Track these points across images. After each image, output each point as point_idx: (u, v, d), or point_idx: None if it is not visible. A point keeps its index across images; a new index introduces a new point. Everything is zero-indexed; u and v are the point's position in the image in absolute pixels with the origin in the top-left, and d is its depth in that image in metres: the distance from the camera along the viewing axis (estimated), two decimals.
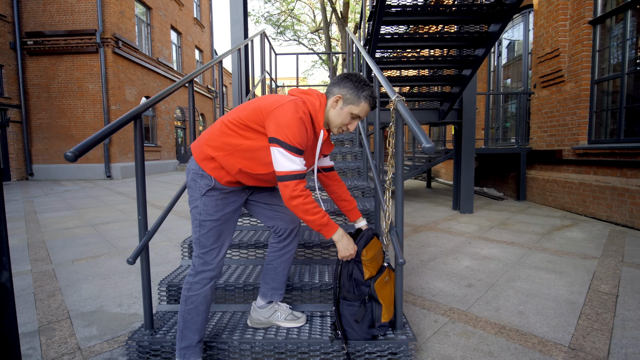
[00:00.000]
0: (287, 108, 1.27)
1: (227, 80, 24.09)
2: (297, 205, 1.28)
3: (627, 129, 4.28)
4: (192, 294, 1.37)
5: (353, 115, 1.40)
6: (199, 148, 1.37)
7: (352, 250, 1.42)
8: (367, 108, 1.41)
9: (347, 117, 1.41)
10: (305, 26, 20.14)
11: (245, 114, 1.32)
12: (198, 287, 1.38)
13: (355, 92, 1.37)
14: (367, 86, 1.39)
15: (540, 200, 5.59)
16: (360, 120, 1.47)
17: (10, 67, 10.59)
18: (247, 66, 4.59)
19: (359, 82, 1.38)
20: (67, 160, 1.07)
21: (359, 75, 1.41)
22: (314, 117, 1.38)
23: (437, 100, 4.83)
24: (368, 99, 1.39)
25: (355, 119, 1.43)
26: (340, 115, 1.40)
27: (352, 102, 1.38)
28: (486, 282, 2.43)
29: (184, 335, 1.38)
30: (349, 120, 1.42)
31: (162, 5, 14.30)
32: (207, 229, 1.36)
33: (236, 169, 1.33)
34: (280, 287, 1.65)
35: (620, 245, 3.27)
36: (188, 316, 1.37)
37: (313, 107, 1.38)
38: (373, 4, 3.12)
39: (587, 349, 1.62)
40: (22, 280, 2.57)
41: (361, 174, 3.19)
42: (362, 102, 1.38)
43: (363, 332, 1.48)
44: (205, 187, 1.35)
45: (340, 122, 1.42)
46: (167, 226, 4.24)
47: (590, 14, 4.66)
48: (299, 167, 1.28)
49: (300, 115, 1.28)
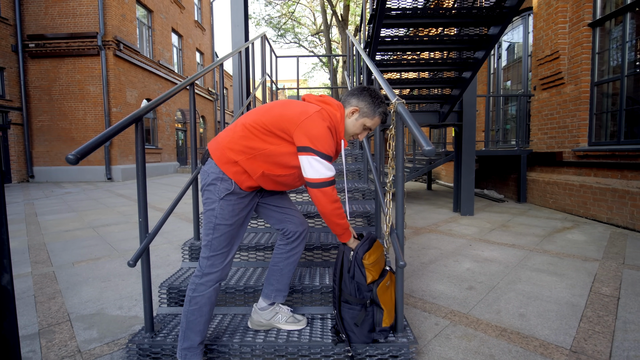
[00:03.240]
0: (316, 120, 1.32)
1: (228, 83, 24.15)
2: (334, 210, 1.39)
3: (627, 131, 4.28)
4: (197, 295, 1.38)
5: (366, 127, 1.49)
6: (219, 151, 1.37)
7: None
8: (379, 122, 1.51)
9: (359, 128, 1.50)
10: (305, 29, 20.19)
11: (269, 120, 1.34)
12: (203, 289, 1.38)
13: (372, 107, 1.46)
14: (382, 103, 1.48)
15: (541, 202, 5.58)
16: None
17: (11, 69, 10.63)
18: (247, 69, 4.60)
19: (376, 98, 1.47)
20: (69, 163, 1.07)
21: (377, 90, 1.50)
22: (337, 128, 1.45)
23: (437, 103, 4.84)
24: (382, 115, 1.49)
25: (366, 130, 1.52)
26: (354, 125, 1.49)
27: (368, 115, 1.47)
28: (487, 285, 2.43)
29: (186, 335, 1.38)
30: (360, 131, 1.51)
31: (163, 8, 14.36)
32: (220, 232, 1.37)
33: (259, 173, 1.36)
34: (284, 289, 1.66)
35: (622, 247, 3.26)
36: (192, 317, 1.38)
37: (335, 118, 1.44)
38: (373, 7, 3.13)
39: (589, 351, 1.62)
40: (23, 282, 2.56)
41: (361, 176, 3.19)
42: (377, 117, 1.48)
43: (363, 336, 1.47)
44: (225, 191, 1.36)
45: (353, 132, 1.51)
46: (168, 228, 4.24)
47: (589, 16, 4.67)
48: (333, 174, 1.37)
49: (328, 126, 1.36)
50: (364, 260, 1.47)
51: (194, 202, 2.22)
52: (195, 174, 2.13)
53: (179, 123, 16.42)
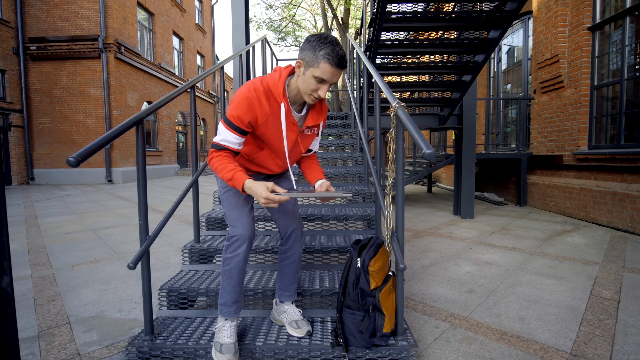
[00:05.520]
0: (240, 88, 1.35)
1: (229, 85, 24.22)
2: (214, 167, 1.35)
3: (627, 135, 4.28)
4: (227, 256, 1.49)
5: (317, 77, 1.28)
6: None
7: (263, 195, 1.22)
8: (328, 68, 1.26)
9: (312, 82, 1.29)
10: (306, 32, 20.25)
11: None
12: (232, 250, 1.48)
13: (313, 53, 1.26)
14: (324, 44, 1.25)
15: (541, 205, 5.58)
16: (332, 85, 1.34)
17: (13, 72, 10.67)
18: (248, 71, 4.61)
19: (315, 41, 1.26)
20: (70, 165, 1.08)
21: (319, 34, 1.30)
22: (272, 90, 1.35)
23: (437, 106, 4.85)
24: (326, 57, 1.24)
25: (322, 83, 1.30)
26: (305, 81, 1.31)
27: (312, 64, 1.27)
28: (487, 288, 2.42)
29: (222, 292, 1.53)
30: (315, 85, 1.30)
31: (164, 11, 14.43)
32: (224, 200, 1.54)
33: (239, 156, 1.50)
34: (285, 289, 1.70)
35: (622, 250, 3.26)
36: (224, 277, 1.51)
37: (272, 80, 1.36)
38: (374, 11, 3.14)
39: (589, 355, 1.61)
40: (22, 285, 2.56)
41: (362, 179, 3.19)
42: (321, 62, 1.25)
43: (364, 341, 1.47)
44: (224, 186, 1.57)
45: (308, 89, 1.32)
46: (168, 231, 4.24)
47: (589, 20, 4.69)
48: (221, 139, 1.34)
49: (248, 94, 1.32)
50: (369, 267, 1.48)
51: (194, 205, 2.22)
52: (196, 177, 2.14)
53: (179, 125, 16.45)
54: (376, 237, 1.60)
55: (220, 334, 1.49)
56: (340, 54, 1.26)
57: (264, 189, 1.22)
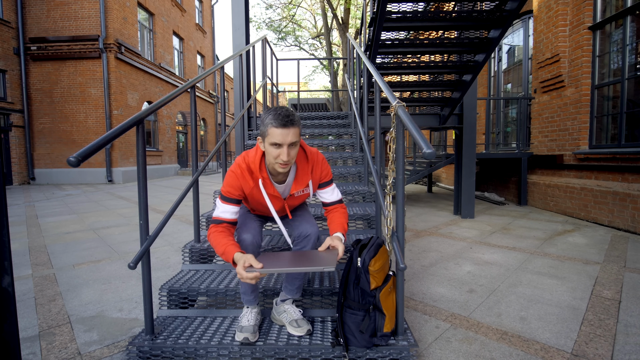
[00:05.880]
0: (232, 165, 1.55)
1: (229, 85, 24.24)
2: (210, 241, 1.47)
3: (628, 134, 4.28)
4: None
5: (274, 143, 1.38)
6: None
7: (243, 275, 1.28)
8: (276, 131, 1.36)
9: (272, 150, 1.40)
10: (306, 32, 20.25)
11: None
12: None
13: (262, 125, 1.41)
14: (268, 113, 1.40)
15: (542, 205, 5.58)
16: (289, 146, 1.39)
17: (13, 72, 10.68)
18: (248, 71, 4.61)
19: (262, 114, 1.44)
20: (70, 165, 1.08)
21: (267, 110, 1.44)
22: (249, 167, 1.52)
23: (437, 105, 4.84)
24: (271, 122, 1.36)
25: (278, 147, 1.38)
26: (268, 152, 1.44)
27: (264, 134, 1.41)
28: (488, 288, 2.42)
29: (241, 282, 1.63)
30: (275, 152, 1.39)
31: (164, 11, 14.44)
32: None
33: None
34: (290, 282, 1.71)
35: (623, 250, 3.25)
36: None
37: (251, 157, 1.52)
38: (374, 10, 3.14)
39: (590, 355, 1.61)
40: (23, 284, 2.56)
41: (362, 179, 3.19)
42: (268, 128, 1.38)
43: (364, 341, 1.47)
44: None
45: (272, 157, 1.42)
46: (168, 231, 4.24)
47: (589, 19, 4.68)
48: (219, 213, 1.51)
49: (234, 171, 1.51)
50: (369, 267, 1.48)
51: (194, 205, 2.22)
52: (196, 177, 2.14)
53: (179, 125, 16.46)
54: (376, 237, 1.60)
55: (242, 319, 1.62)
56: (282, 114, 1.37)
57: (240, 264, 1.30)
